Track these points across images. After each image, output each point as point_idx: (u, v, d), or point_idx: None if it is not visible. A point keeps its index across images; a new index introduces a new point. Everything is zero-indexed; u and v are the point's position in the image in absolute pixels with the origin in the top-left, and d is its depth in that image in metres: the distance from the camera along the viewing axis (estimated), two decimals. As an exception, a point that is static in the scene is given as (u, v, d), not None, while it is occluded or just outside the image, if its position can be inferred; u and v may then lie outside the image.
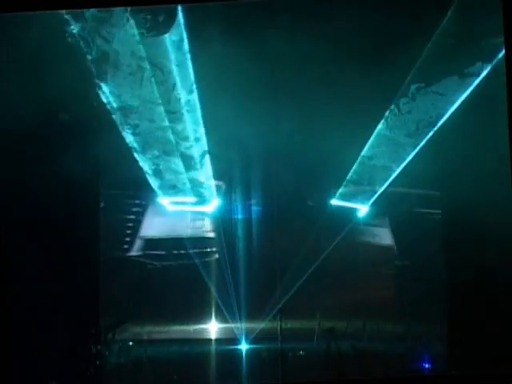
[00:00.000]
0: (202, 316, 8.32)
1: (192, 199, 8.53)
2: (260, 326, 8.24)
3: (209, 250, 8.40)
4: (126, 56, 7.89)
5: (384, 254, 8.51)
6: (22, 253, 7.56)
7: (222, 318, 8.31)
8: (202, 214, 8.54)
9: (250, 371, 8.09)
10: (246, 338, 8.22)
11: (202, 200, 8.54)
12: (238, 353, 8.19)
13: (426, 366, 8.16)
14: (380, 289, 8.45)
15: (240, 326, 8.25)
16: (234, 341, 8.24)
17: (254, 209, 8.51)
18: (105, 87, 7.99)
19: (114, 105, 8.08)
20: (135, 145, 8.23)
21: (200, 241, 8.43)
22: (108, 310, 8.06)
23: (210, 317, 8.32)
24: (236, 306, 8.21)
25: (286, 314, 8.20)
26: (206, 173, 8.45)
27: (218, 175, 8.47)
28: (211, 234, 8.47)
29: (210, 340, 8.34)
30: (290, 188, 8.36)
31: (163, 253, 8.42)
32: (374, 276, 8.47)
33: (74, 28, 7.75)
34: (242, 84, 7.71)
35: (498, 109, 7.05)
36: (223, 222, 8.49)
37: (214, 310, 8.30)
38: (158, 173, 8.35)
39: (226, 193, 8.55)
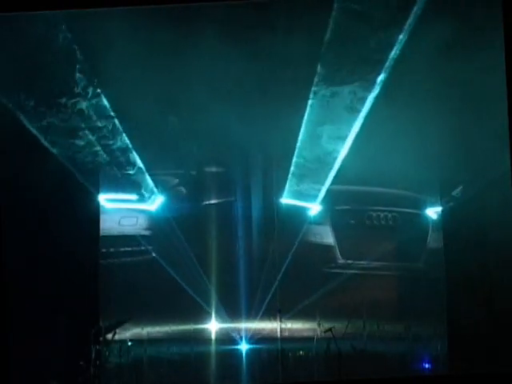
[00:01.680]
0: (202, 316, 8.32)
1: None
2: (260, 325, 8.25)
3: (208, 250, 8.40)
4: None
5: (384, 254, 8.51)
6: (22, 253, 7.57)
7: (222, 318, 8.31)
8: (201, 213, 8.56)
9: (250, 371, 8.08)
10: (246, 338, 8.23)
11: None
12: (238, 353, 8.20)
13: (426, 366, 8.16)
14: (380, 289, 8.45)
15: (240, 326, 8.25)
16: (234, 341, 8.24)
17: (255, 208, 8.52)
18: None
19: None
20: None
21: (198, 241, 8.43)
22: (108, 310, 8.07)
23: (210, 317, 8.32)
24: (236, 306, 8.22)
25: (286, 314, 8.20)
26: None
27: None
28: (209, 234, 8.47)
29: (210, 340, 8.34)
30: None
31: (163, 251, 8.43)
32: (375, 276, 8.47)
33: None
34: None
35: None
36: (222, 222, 8.52)
37: (214, 310, 8.30)
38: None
39: (225, 192, 8.58)
